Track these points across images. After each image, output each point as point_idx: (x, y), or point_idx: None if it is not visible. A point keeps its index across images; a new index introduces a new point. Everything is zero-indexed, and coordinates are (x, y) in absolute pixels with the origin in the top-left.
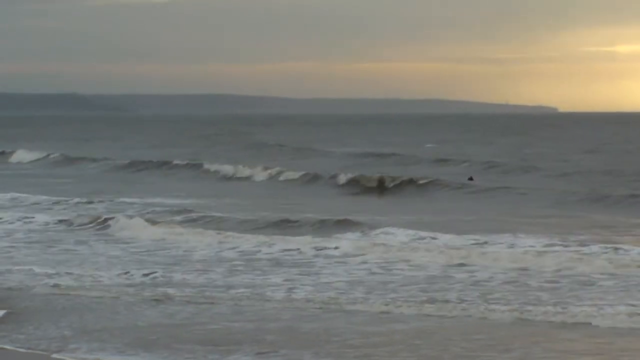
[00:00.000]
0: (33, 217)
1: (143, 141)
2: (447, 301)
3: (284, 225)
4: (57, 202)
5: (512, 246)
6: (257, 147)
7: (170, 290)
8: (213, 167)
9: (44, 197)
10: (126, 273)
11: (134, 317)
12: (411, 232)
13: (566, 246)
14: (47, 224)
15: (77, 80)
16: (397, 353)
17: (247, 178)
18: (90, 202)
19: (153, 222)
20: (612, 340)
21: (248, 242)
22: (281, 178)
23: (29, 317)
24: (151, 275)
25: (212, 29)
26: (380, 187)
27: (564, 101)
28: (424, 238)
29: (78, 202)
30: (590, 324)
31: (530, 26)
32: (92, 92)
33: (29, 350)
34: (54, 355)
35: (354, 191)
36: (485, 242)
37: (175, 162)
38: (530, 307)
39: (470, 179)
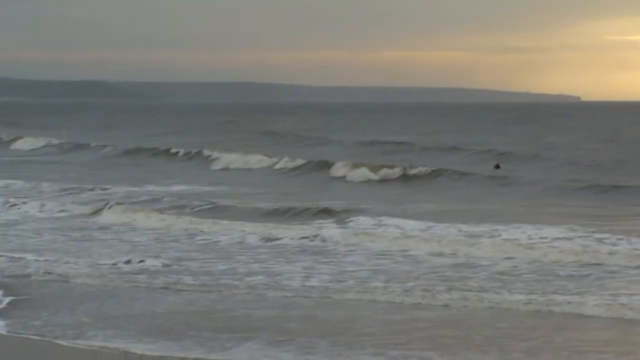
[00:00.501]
0: (27, 203)
1: (154, 129)
2: (469, 290)
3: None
4: (62, 190)
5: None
6: (268, 136)
7: (187, 279)
8: (214, 155)
9: (46, 184)
10: (140, 262)
11: (152, 305)
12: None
13: (586, 236)
14: (50, 211)
15: (103, 68)
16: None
17: (265, 167)
18: (92, 190)
19: (160, 211)
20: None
21: (246, 229)
22: (278, 166)
23: (44, 304)
24: (161, 264)
25: (238, 17)
26: (404, 177)
27: (586, 90)
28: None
29: (73, 190)
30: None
31: (554, 15)
32: (118, 79)
33: (41, 338)
34: (59, 341)
35: (362, 181)
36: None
37: (174, 150)
38: (554, 296)
39: (497, 166)
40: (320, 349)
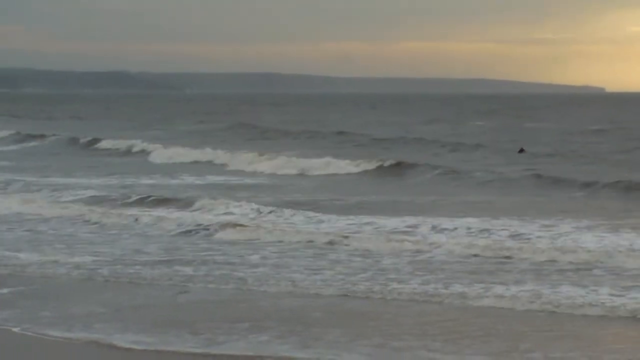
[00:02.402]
0: None
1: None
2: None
3: None
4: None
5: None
6: (234, 129)
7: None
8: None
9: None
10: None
11: (164, 298)
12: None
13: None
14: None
15: (124, 59)
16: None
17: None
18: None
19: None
20: None
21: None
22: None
23: (50, 297)
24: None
25: (261, 8)
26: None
27: (611, 81)
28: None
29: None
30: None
31: (578, 7)
32: (141, 70)
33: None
34: (66, 334)
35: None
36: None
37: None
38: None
39: (521, 150)
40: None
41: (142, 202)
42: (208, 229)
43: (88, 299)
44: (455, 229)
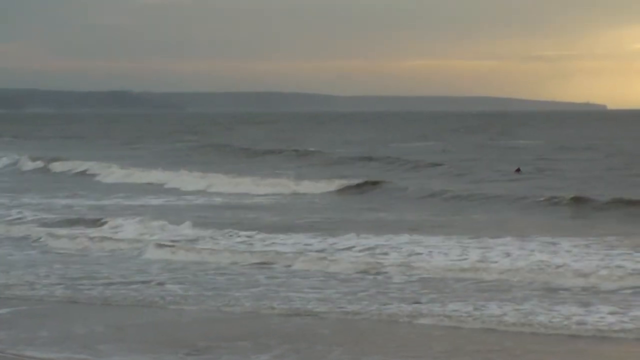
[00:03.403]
0: None
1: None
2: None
3: None
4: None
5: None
6: (205, 148)
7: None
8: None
9: None
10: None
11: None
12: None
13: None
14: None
15: (127, 78)
16: None
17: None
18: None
19: None
20: None
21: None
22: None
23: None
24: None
25: (262, 27)
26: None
27: (613, 98)
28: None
29: None
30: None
31: (579, 24)
32: (142, 89)
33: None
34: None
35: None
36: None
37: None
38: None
39: (518, 170)
40: None
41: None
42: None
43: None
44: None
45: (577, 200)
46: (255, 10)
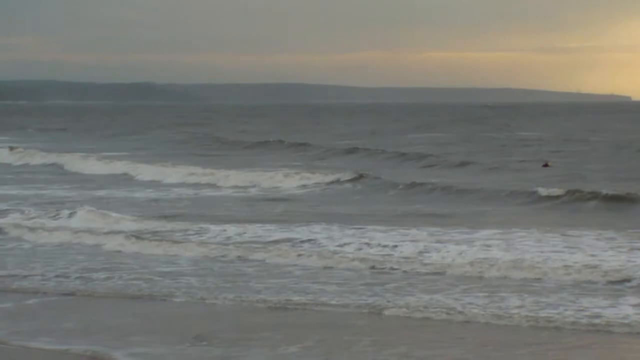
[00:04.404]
0: None
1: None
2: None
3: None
4: None
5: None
6: (200, 139)
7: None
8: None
9: None
10: None
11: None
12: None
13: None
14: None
15: (149, 70)
16: None
17: None
18: None
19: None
20: None
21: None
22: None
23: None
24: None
25: (283, 19)
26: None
27: (638, 90)
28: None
29: None
30: None
31: (603, 15)
32: (165, 81)
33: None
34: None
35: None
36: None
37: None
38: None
39: (545, 164)
40: None
41: None
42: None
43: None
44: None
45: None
46: (277, 3)
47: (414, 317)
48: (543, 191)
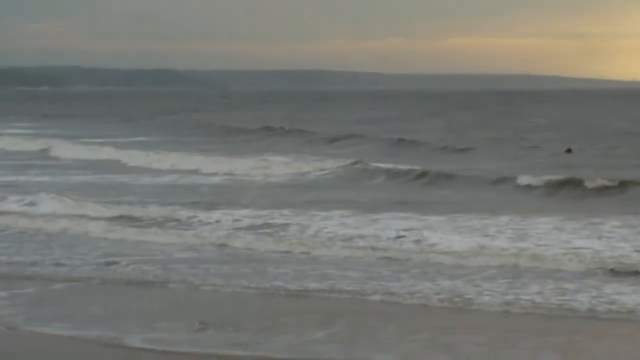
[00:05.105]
0: None
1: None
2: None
3: None
4: None
5: None
6: (202, 127)
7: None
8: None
9: None
10: None
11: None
12: None
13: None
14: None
15: (174, 57)
16: None
17: None
18: None
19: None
20: None
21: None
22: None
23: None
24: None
25: (307, 6)
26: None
27: None
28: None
29: None
30: None
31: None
32: (188, 68)
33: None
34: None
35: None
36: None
37: None
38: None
39: (569, 150)
40: None
41: None
42: None
43: None
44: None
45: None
46: None
47: (437, 305)
48: (590, 184)
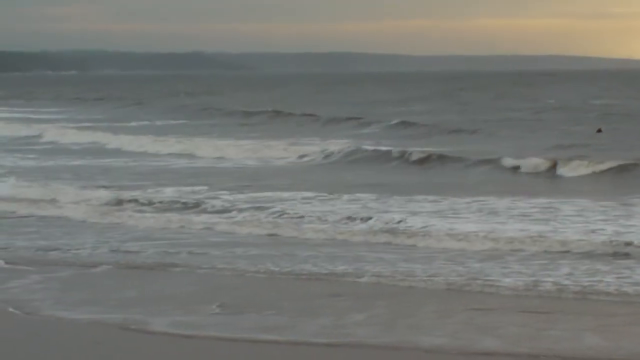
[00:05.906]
0: None
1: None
2: None
3: None
4: None
5: None
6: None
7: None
8: None
9: None
10: None
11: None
12: None
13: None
14: None
15: (201, 39)
16: None
17: None
18: None
19: None
20: None
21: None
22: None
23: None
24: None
25: None
26: None
27: None
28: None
29: None
30: None
31: None
32: (217, 50)
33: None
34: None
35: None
36: None
37: None
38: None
39: (599, 130)
40: None
41: None
42: None
43: None
44: None
45: None
46: None
47: (472, 289)
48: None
